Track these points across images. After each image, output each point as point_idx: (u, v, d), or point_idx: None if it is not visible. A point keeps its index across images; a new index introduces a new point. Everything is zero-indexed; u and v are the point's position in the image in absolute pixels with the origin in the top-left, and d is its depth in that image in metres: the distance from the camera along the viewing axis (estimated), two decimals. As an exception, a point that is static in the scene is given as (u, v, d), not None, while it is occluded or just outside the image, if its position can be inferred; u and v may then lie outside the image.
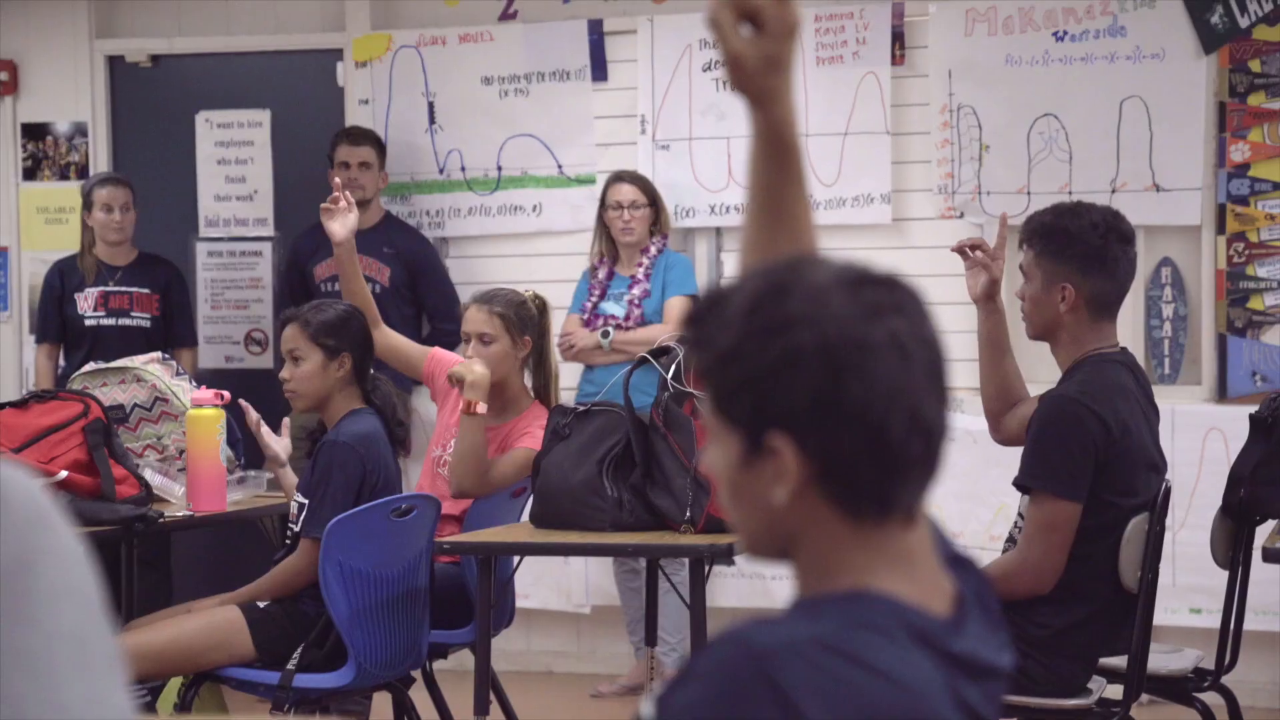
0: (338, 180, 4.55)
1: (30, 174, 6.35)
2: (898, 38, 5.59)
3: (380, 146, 5.84)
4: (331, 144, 5.80)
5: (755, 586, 5.58)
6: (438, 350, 4.47)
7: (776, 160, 1.60)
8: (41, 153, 6.34)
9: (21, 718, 1.12)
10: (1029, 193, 5.45)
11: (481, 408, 4.05)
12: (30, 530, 1.18)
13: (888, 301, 1.34)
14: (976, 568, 1.44)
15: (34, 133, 6.33)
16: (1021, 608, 3.25)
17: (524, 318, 4.30)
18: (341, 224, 4.36)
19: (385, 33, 6.05)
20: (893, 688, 1.27)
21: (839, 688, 1.25)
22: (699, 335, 1.38)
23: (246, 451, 4.79)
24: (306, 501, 3.88)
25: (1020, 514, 3.43)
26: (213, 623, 3.79)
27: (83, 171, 6.25)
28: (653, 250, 5.49)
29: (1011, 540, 3.48)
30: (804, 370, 1.32)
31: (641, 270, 5.48)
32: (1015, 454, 3.39)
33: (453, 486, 4.12)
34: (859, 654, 1.27)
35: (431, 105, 6.01)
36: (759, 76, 1.56)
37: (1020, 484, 3.33)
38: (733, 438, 1.36)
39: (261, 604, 3.85)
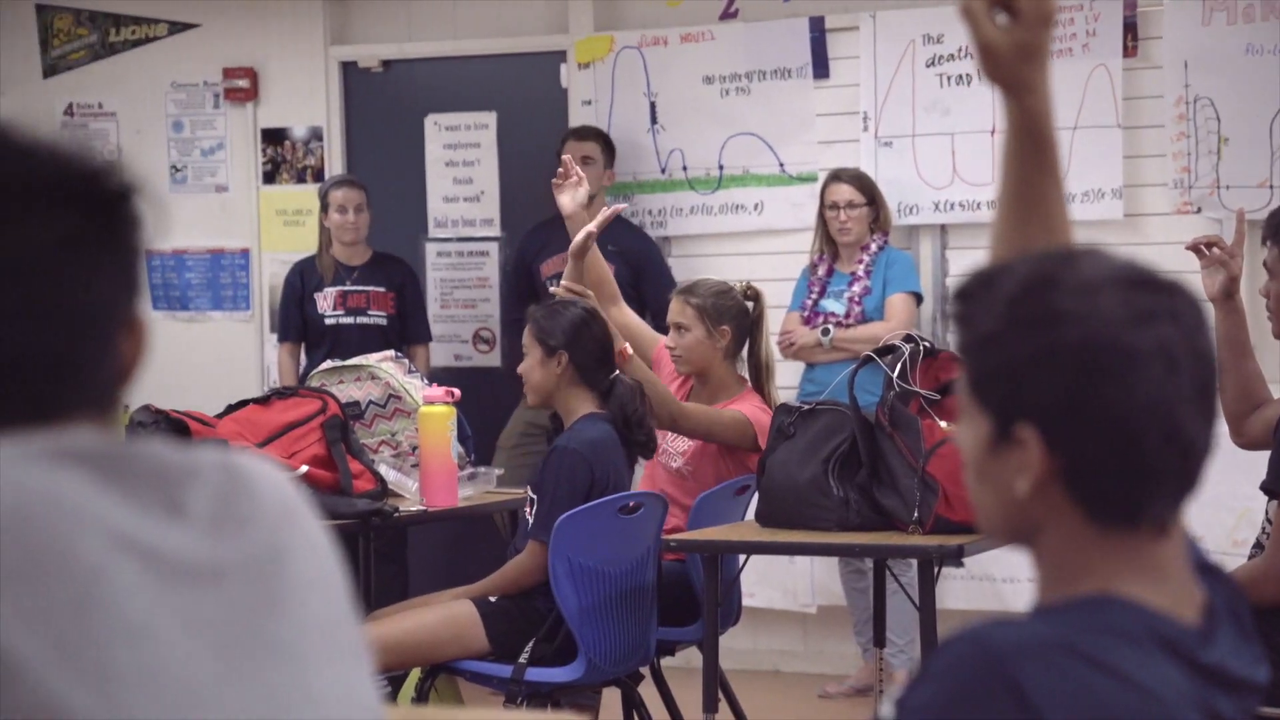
0: (567, 156, 4.60)
1: (270, 177, 6.56)
2: (1129, 29, 5.45)
3: (606, 144, 5.89)
4: (560, 141, 5.88)
5: (985, 589, 5.49)
6: (662, 346, 4.50)
7: (1031, 152, 1.57)
8: (280, 157, 6.54)
9: (275, 705, 1.15)
10: (1271, 186, 5.26)
11: (628, 349, 4.11)
12: (281, 523, 1.21)
13: (1162, 308, 1.30)
14: (1228, 578, 1.39)
15: (273, 137, 6.54)
16: (1269, 615, 3.13)
17: (722, 308, 4.30)
18: (570, 197, 4.41)
19: (607, 34, 6.10)
20: (1141, 696, 1.23)
21: (1084, 693, 1.22)
22: (964, 313, 1.36)
23: (476, 448, 4.88)
24: (535, 498, 3.92)
25: (1268, 519, 3.31)
26: (448, 616, 3.85)
27: (319, 174, 6.42)
28: (873, 247, 5.43)
29: (1259, 546, 3.36)
30: (1061, 368, 1.29)
31: (861, 267, 5.42)
32: (1257, 457, 3.28)
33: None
34: (1105, 659, 1.24)
35: (653, 105, 6.05)
36: (1014, 66, 1.54)
37: (1268, 488, 3.22)
38: (982, 420, 1.34)
39: (493, 598, 3.91)
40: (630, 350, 4.11)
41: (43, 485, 1.09)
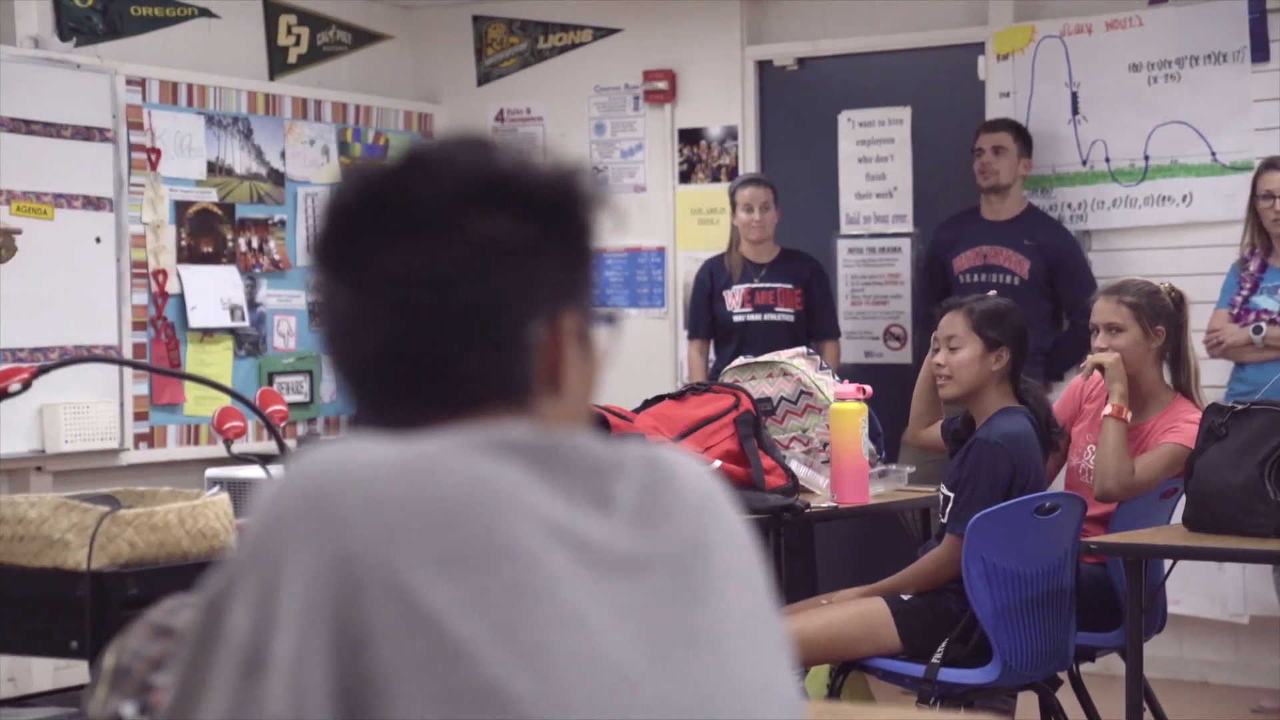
0: None
1: (685, 177, 6.69)
2: None
3: (1020, 135, 5.75)
4: (975, 134, 5.79)
5: None
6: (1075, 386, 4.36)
7: None
8: (696, 156, 6.66)
9: (700, 696, 1.16)
10: None
11: (1127, 414, 3.95)
12: (704, 515, 1.23)
13: None
14: None
15: (690, 137, 6.67)
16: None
17: (1156, 308, 4.12)
18: None
19: (1028, 24, 5.95)
20: None
21: None
22: None
23: (887, 445, 4.84)
24: (953, 495, 3.87)
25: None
26: (860, 613, 3.84)
27: (732, 173, 6.51)
28: (1311, 240, 5.13)
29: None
30: None
31: (1301, 262, 5.13)
32: None
33: (1096, 489, 4.00)
34: None
35: (1075, 95, 5.87)
36: None
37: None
38: None
39: (905, 596, 3.88)
40: (1127, 413, 4.02)
41: (483, 475, 1.13)
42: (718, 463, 4.21)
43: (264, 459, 3.13)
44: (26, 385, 2.75)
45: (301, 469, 1.12)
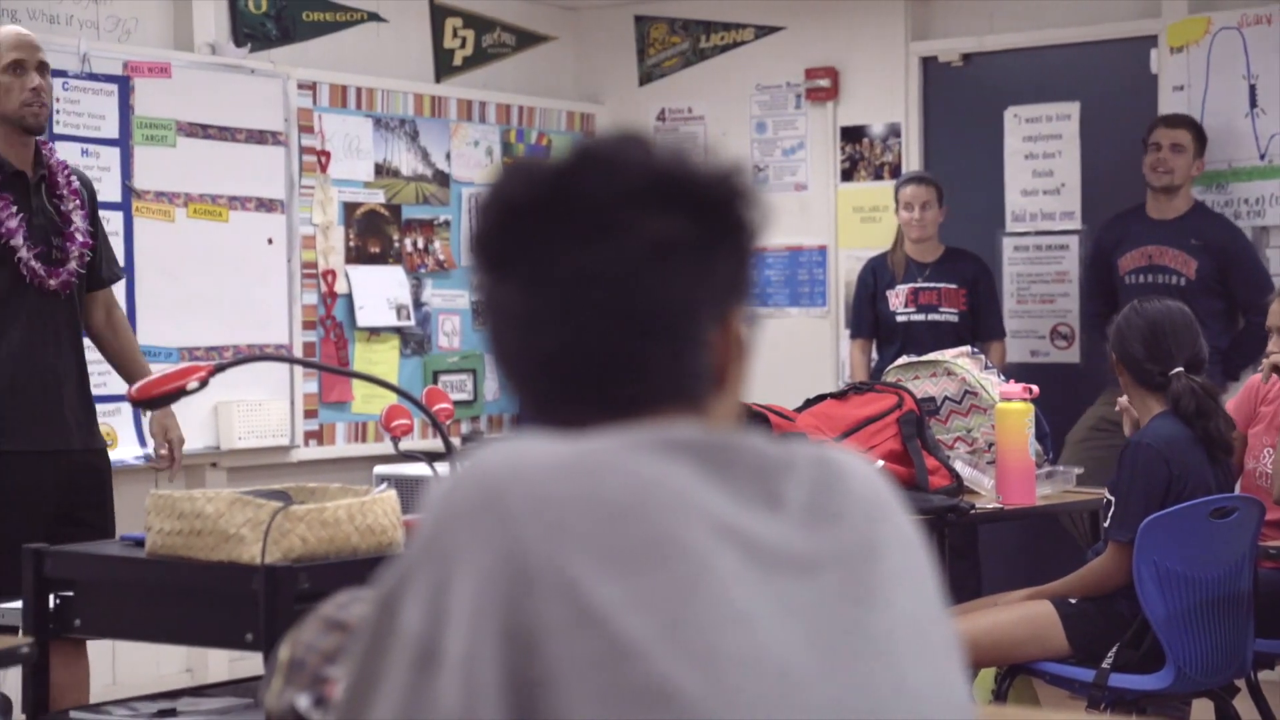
0: None
1: (848, 175, 6.64)
2: None
3: (1198, 133, 5.62)
4: (1148, 128, 5.66)
5: None
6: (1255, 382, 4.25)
7: None
8: (858, 154, 6.61)
9: (871, 698, 1.15)
10: None
11: None
12: (874, 515, 1.22)
13: None
14: None
15: (852, 135, 6.62)
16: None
17: None
18: None
19: (1203, 15, 5.81)
20: None
21: None
22: None
23: (1054, 446, 4.76)
24: (1113, 499, 3.80)
25: None
26: (1027, 616, 3.79)
27: (895, 171, 6.45)
28: None
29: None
30: None
31: None
32: None
33: (1275, 492, 3.90)
34: None
35: (1253, 88, 5.71)
36: None
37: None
38: None
39: (1073, 600, 3.81)
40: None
41: (653, 474, 1.14)
42: (880, 463, 4.17)
43: (430, 456, 3.17)
44: (204, 383, 2.82)
45: (473, 467, 1.14)
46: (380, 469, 5.08)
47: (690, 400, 1.21)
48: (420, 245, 6.38)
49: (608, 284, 1.18)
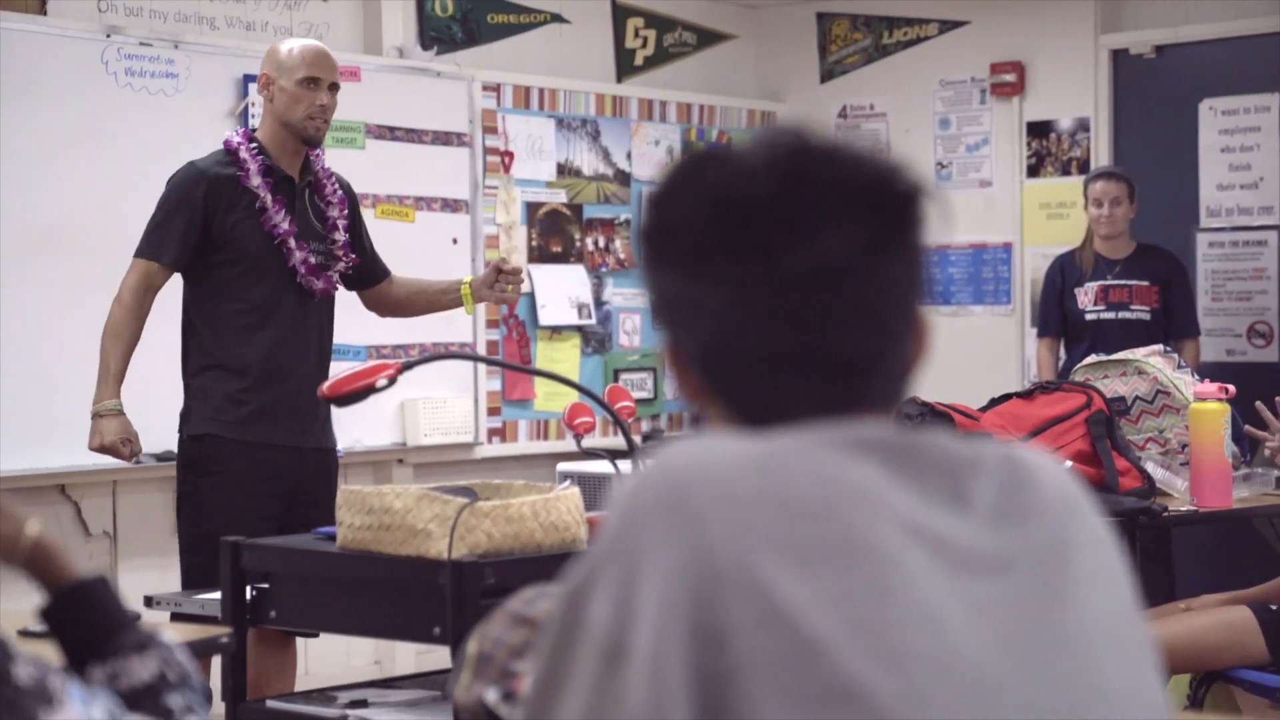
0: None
1: (1033, 171, 6.54)
2: None
3: None
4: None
5: None
6: None
7: None
8: (1044, 150, 6.50)
9: (1066, 699, 1.13)
10: None
11: None
12: (1065, 515, 1.20)
13: None
14: None
15: (1038, 130, 6.51)
16: None
17: None
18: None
19: None
20: None
21: None
22: None
23: (1251, 447, 4.63)
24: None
25: None
26: (1224, 621, 3.68)
27: (1083, 166, 6.33)
28: None
29: None
30: None
31: None
32: None
33: None
34: None
35: None
36: None
37: None
38: None
39: (1274, 606, 3.70)
40: None
41: (841, 473, 1.13)
42: (1069, 463, 4.09)
43: (612, 454, 3.19)
44: (392, 381, 2.87)
45: (659, 465, 1.14)
46: (563, 466, 5.13)
47: (894, 399, 1.20)
48: (601, 244, 6.42)
49: (836, 280, 1.16)
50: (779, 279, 1.16)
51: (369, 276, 4.20)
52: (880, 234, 1.18)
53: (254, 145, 3.94)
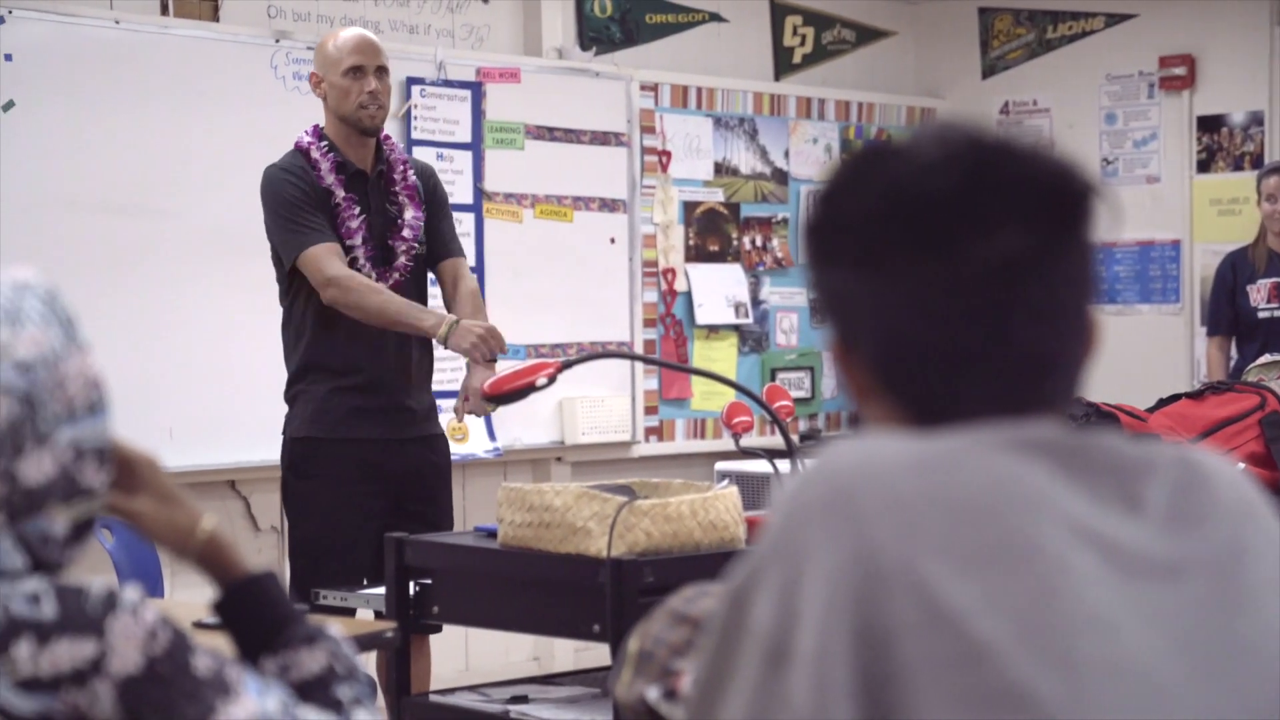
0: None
1: (1204, 166, 6.39)
2: None
3: None
4: None
5: None
6: None
7: None
8: (1216, 144, 6.36)
9: (1246, 709, 1.10)
10: None
11: None
12: (1242, 519, 1.17)
13: None
14: None
15: (1209, 125, 6.37)
16: None
17: None
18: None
19: None
20: None
21: None
22: None
23: None
24: None
25: None
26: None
27: (1256, 161, 6.18)
28: None
29: None
30: None
31: None
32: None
33: None
34: None
35: None
36: None
37: None
38: None
39: None
40: None
41: (1008, 474, 1.11)
42: (1242, 465, 3.99)
43: (770, 453, 3.18)
44: (552, 380, 2.89)
45: (823, 465, 1.13)
46: (721, 465, 5.13)
47: (1069, 398, 1.17)
48: (758, 243, 6.41)
49: (1016, 277, 1.14)
50: (959, 275, 1.14)
51: (433, 256, 4.05)
52: (1057, 230, 1.16)
53: (324, 143, 3.93)
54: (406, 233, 3.96)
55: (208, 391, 4.89)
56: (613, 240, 5.98)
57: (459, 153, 5.58)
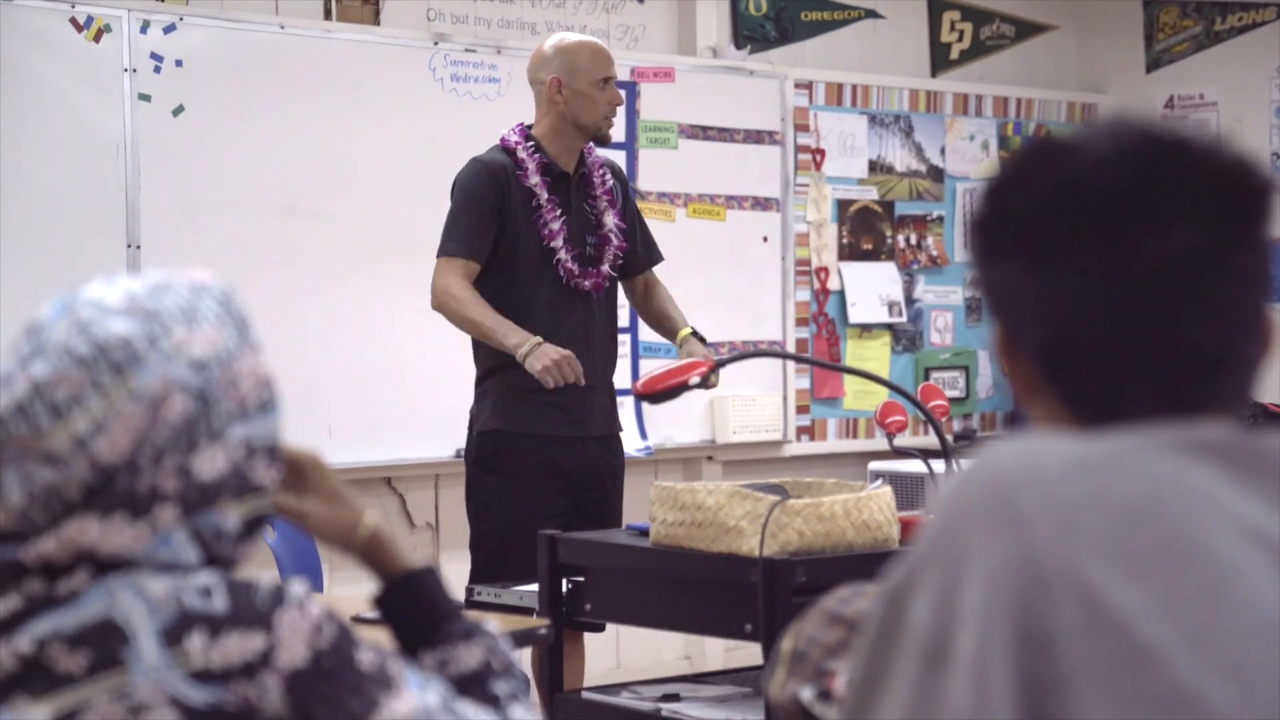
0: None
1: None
2: None
3: None
4: None
5: None
6: None
7: None
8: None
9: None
10: None
11: None
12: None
13: None
14: None
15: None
16: None
17: None
18: None
19: None
20: None
21: None
22: None
23: None
24: None
25: None
26: None
27: None
28: None
29: None
30: None
31: None
32: None
33: None
34: None
35: None
36: None
37: None
38: None
39: None
40: None
41: (1174, 475, 1.08)
42: None
43: (925, 454, 3.15)
44: (704, 379, 2.89)
45: (983, 465, 1.11)
46: (875, 465, 5.09)
47: (1241, 399, 1.14)
48: (913, 241, 6.34)
49: (1189, 273, 1.11)
50: (1131, 270, 1.12)
51: (628, 267, 4.12)
52: (1232, 226, 1.13)
53: (531, 144, 3.95)
54: (613, 238, 4.02)
55: (366, 390, 4.97)
56: (765, 239, 5.96)
57: (613, 152, 5.60)
